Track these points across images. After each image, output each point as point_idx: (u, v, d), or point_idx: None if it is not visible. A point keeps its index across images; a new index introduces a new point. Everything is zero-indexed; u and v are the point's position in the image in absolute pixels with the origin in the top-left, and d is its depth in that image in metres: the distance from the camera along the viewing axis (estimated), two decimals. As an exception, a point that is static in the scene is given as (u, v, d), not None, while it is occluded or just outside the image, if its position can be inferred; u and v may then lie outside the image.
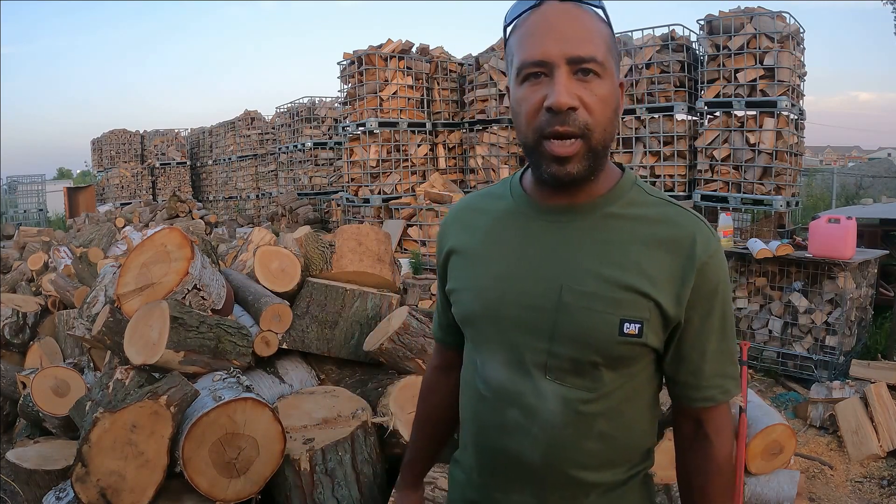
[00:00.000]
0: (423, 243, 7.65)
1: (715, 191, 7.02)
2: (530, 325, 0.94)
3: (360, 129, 9.03)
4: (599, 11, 0.91)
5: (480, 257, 1.01)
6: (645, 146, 7.64)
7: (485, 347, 1.00)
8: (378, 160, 8.96)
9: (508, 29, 0.94)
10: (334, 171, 12.62)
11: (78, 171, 37.01)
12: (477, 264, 1.01)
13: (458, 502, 1.11)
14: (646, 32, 7.75)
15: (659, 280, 0.90)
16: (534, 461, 0.96)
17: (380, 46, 8.91)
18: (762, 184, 6.74)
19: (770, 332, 4.78)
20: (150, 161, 18.41)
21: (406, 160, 9.11)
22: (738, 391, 1.01)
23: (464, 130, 9.90)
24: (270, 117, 15.54)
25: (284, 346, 2.51)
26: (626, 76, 7.70)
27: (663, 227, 0.93)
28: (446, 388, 1.21)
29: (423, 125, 9.36)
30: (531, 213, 0.98)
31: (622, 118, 7.82)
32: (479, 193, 1.10)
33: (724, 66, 6.83)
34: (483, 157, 9.43)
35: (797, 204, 7.47)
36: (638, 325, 0.90)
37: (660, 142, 7.54)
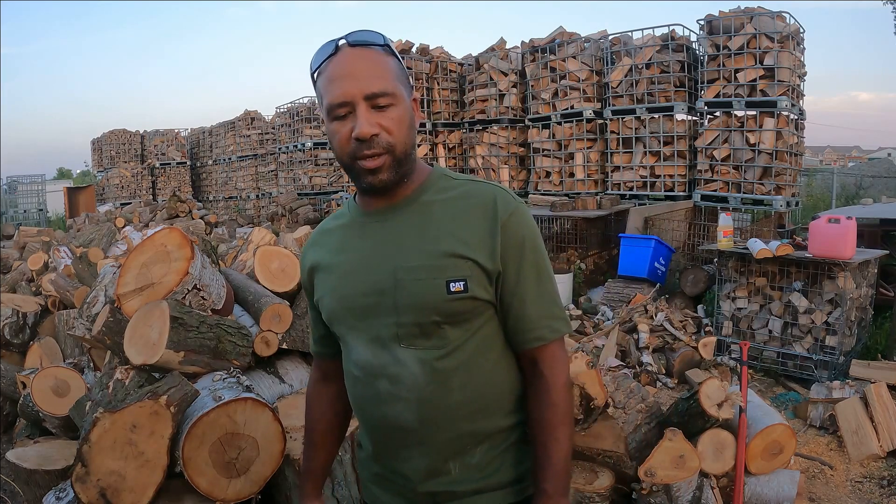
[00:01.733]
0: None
1: (715, 191, 7.00)
2: (378, 306, 1.10)
3: (361, 128, 9.02)
4: (385, 48, 1.10)
5: (334, 265, 1.18)
6: (645, 146, 7.64)
7: (350, 336, 1.17)
8: (378, 160, 8.95)
9: (315, 74, 1.11)
10: (334, 171, 12.62)
11: (78, 171, 37.01)
12: (332, 271, 1.18)
13: (367, 479, 1.25)
14: (646, 32, 7.74)
15: (472, 242, 1.08)
16: (411, 422, 1.10)
17: (380, 46, 8.91)
18: (762, 184, 6.73)
19: (770, 332, 4.77)
20: (150, 161, 18.39)
21: (406, 160, 9.10)
22: (567, 329, 1.17)
23: (464, 130, 9.89)
24: (270, 117, 15.52)
25: (284, 346, 2.51)
26: (626, 76, 7.71)
27: (469, 200, 1.11)
28: (327, 397, 1.34)
29: (423, 125, 9.36)
30: (364, 219, 1.17)
31: (622, 119, 7.84)
32: (328, 218, 1.29)
33: (724, 66, 6.82)
34: (483, 157, 9.43)
35: (797, 204, 7.46)
36: (462, 283, 1.06)
37: (660, 142, 7.53)
